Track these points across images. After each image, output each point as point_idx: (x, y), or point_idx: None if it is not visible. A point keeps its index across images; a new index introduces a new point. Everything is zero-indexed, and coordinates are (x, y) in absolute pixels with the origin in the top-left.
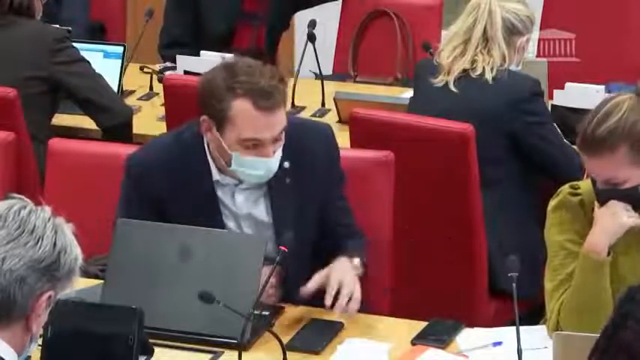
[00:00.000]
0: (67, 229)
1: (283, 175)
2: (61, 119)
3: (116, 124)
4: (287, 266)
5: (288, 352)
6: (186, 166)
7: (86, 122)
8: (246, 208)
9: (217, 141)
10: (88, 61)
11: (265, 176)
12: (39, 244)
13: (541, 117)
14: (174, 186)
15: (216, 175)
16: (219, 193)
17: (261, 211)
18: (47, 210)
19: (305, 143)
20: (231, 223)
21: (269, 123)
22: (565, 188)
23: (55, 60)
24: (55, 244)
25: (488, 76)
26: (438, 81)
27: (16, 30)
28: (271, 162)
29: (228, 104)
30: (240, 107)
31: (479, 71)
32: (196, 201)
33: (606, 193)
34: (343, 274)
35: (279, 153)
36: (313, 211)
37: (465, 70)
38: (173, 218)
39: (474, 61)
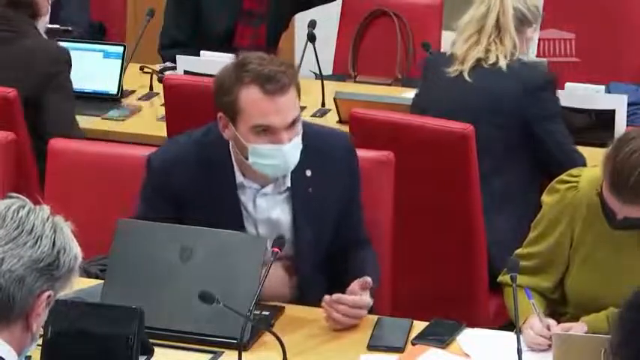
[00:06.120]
0: (66, 228)
1: (306, 184)
2: None
3: None
4: (296, 268)
5: (288, 353)
6: (209, 167)
7: (86, 122)
8: (266, 213)
9: (234, 136)
10: (74, 100)
11: (282, 167)
12: (38, 243)
13: (555, 106)
14: (196, 186)
15: (239, 178)
16: (242, 197)
17: (281, 216)
18: (46, 209)
19: (326, 152)
20: (250, 227)
21: (278, 107)
22: (562, 176)
23: (46, 88)
24: (54, 243)
25: (503, 64)
26: (453, 71)
27: (17, 45)
28: (287, 150)
29: (237, 94)
30: (249, 94)
31: (492, 60)
32: (218, 202)
33: (625, 224)
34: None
35: (296, 143)
36: (332, 218)
37: (478, 60)
38: (193, 218)
39: (487, 51)
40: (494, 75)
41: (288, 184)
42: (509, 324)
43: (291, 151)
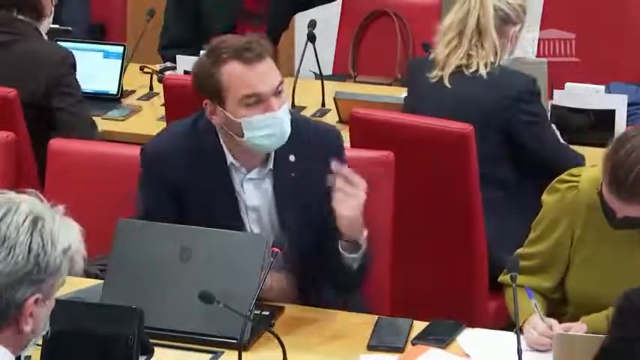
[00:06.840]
0: (50, 220)
1: (289, 169)
2: None
3: None
4: (298, 267)
5: (288, 353)
6: (201, 155)
7: None
8: (253, 199)
9: (224, 118)
10: (84, 102)
11: (278, 136)
12: (11, 254)
13: (535, 115)
14: (190, 173)
15: (229, 158)
16: (234, 181)
17: (265, 202)
18: (23, 208)
19: (312, 140)
20: (242, 214)
21: (260, 74)
22: (562, 176)
23: (55, 91)
24: (29, 249)
25: (483, 71)
26: (433, 76)
27: (19, 48)
28: (281, 119)
29: (218, 75)
30: (229, 70)
31: (473, 68)
32: (212, 188)
33: (625, 223)
34: None
35: (286, 110)
36: (317, 211)
37: (459, 67)
38: (191, 204)
39: (469, 56)
40: (474, 82)
41: (271, 166)
42: (510, 325)
43: (284, 118)
